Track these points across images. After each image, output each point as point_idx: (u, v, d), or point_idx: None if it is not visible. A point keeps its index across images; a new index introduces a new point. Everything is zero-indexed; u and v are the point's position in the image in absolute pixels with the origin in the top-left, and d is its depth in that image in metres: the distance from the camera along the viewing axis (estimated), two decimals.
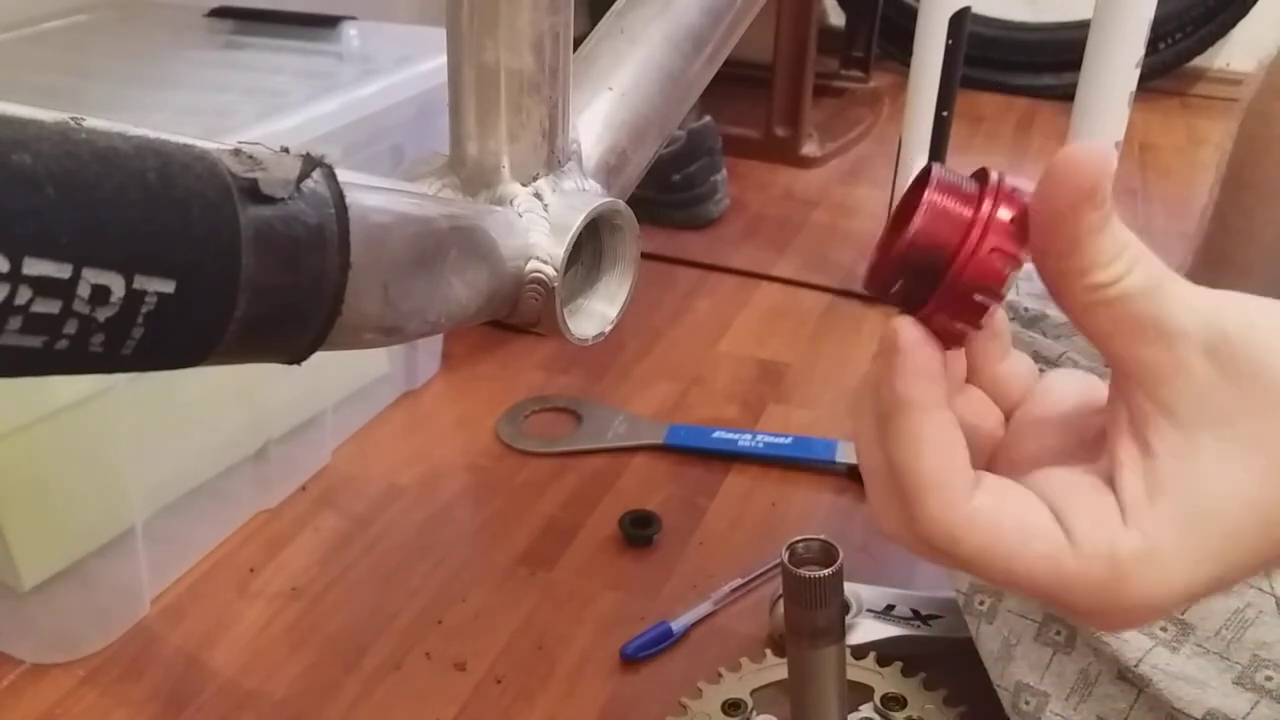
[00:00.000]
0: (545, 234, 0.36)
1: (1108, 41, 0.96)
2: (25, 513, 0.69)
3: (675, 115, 0.48)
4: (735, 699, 0.66)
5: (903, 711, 0.65)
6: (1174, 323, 0.25)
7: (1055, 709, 0.57)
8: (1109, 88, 0.98)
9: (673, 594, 0.80)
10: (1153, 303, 0.25)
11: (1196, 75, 2.04)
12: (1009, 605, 0.61)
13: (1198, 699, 0.51)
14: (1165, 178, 1.65)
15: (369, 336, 0.31)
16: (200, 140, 0.26)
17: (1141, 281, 0.26)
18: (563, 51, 0.38)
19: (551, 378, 1.08)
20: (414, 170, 0.39)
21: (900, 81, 1.38)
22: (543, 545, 0.85)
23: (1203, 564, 0.25)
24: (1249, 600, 0.51)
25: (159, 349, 0.25)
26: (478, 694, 0.72)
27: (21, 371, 0.23)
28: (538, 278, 0.35)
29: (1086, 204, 0.25)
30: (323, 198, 0.27)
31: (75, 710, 0.70)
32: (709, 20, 0.48)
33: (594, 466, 0.94)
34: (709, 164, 1.42)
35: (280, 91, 0.85)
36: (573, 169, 0.39)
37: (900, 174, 1.19)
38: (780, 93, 1.65)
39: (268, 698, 0.71)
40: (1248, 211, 0.68)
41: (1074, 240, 0.25)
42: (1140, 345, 0.25)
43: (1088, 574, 0.25)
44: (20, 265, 0.21)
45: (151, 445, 0.75)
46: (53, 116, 0.23)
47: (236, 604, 0.79)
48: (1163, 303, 0.25)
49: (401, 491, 0.92)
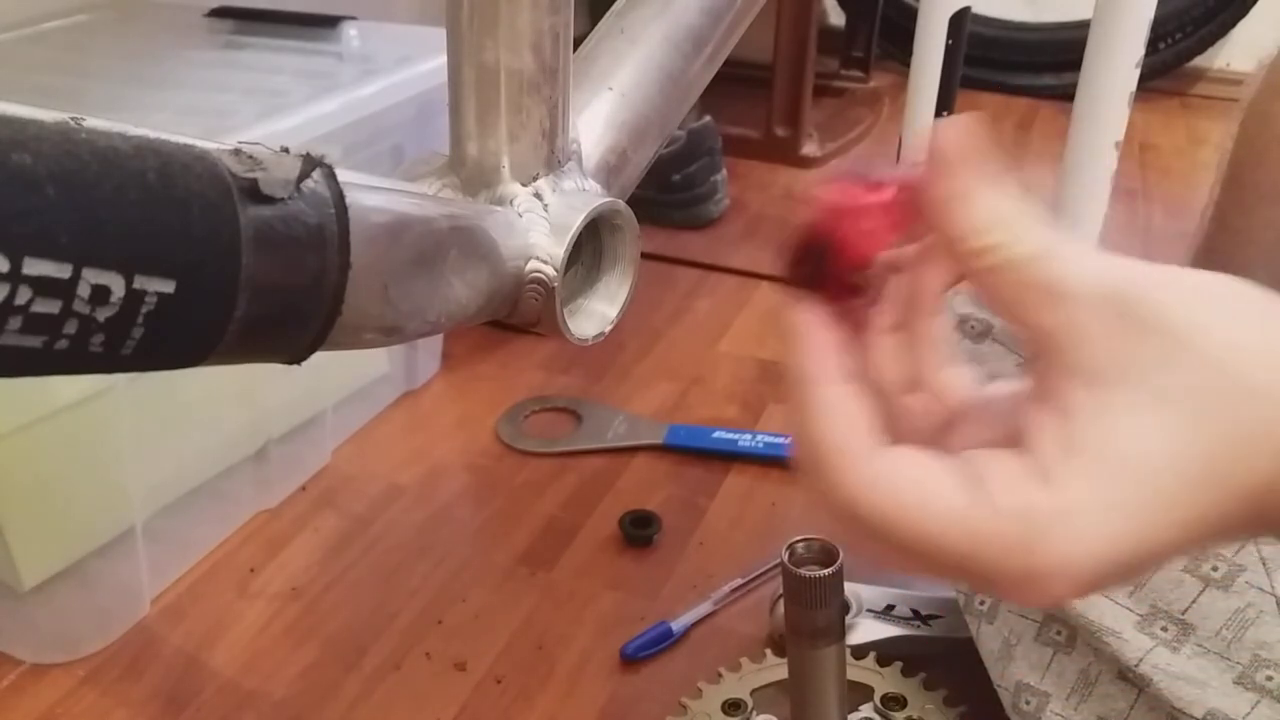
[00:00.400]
0: (545, 234, 0.36)
1: (1108, 41, 0.96)
2: (25, 513, 0.69)
3: (675, 115, 0.48)
4: (735, 699, 0.66)
5: (903, 711, 0.65)
6: (1068, 285, 0.25)
7: (1055, 709, 0.57)
8: (1109, 88, 0.97)
9: (673, 594, 0.80)
10: (1044, 267, 0.26)
11: (1196, 75, 2.04)
12: (1009, 605, 0.61)
13: (1198, 699, 0.51)
14: (1165, 178, 1.65)
15: (369, 336, 0.31)
16: (200, 140, 0.26)
17: (1030, 248, 0.26)
18: (563, 51, 0.38)
19: (551, 378, 1.07)
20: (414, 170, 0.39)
21: (900, 81, 1.38)
22: (543, 545, 0.85)
23: (1122, 520, 0.24)
24: (1249, 600, 0.51)
25: (159, 349, 0.25)
26: (478, 694, 0.72)
27: (21, 371, 0.23)
28: (538, 278, 0.35)
29: (947, 174, 0.26)
30: (323, 198, 0.27)
31: (75, 710, 0.70)
32: (709, 20, 0.48)
33: (594, 466, 0.94)
34: (709, 164, 1.42)
35: (280, 91, 0.85)
36: (573, 169, 0.39)
37: None
38: (780, 93, 1.65)
39: (268, 698, 0.71)
40: (1248, 211, 0.68)
41: (943, 210, 0.27)
42: (1039, 311, 0.26)
43: (1001, 532, 0.25)
44: (20, 265, 0.21)
45: (151, 445, 0.75)
46: (53, 116, 0.23)
47: (236, 604, 0.79)
48: (1055, 267, 0.26)
49: (401, 491, 0.92)
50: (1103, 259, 0.26)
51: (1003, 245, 0.26)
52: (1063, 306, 0.25)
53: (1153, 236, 1.46)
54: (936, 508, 0.25)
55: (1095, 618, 0.54)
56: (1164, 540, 0.25)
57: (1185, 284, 0.26)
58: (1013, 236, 0.26)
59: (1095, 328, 0.25)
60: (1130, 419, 0.25)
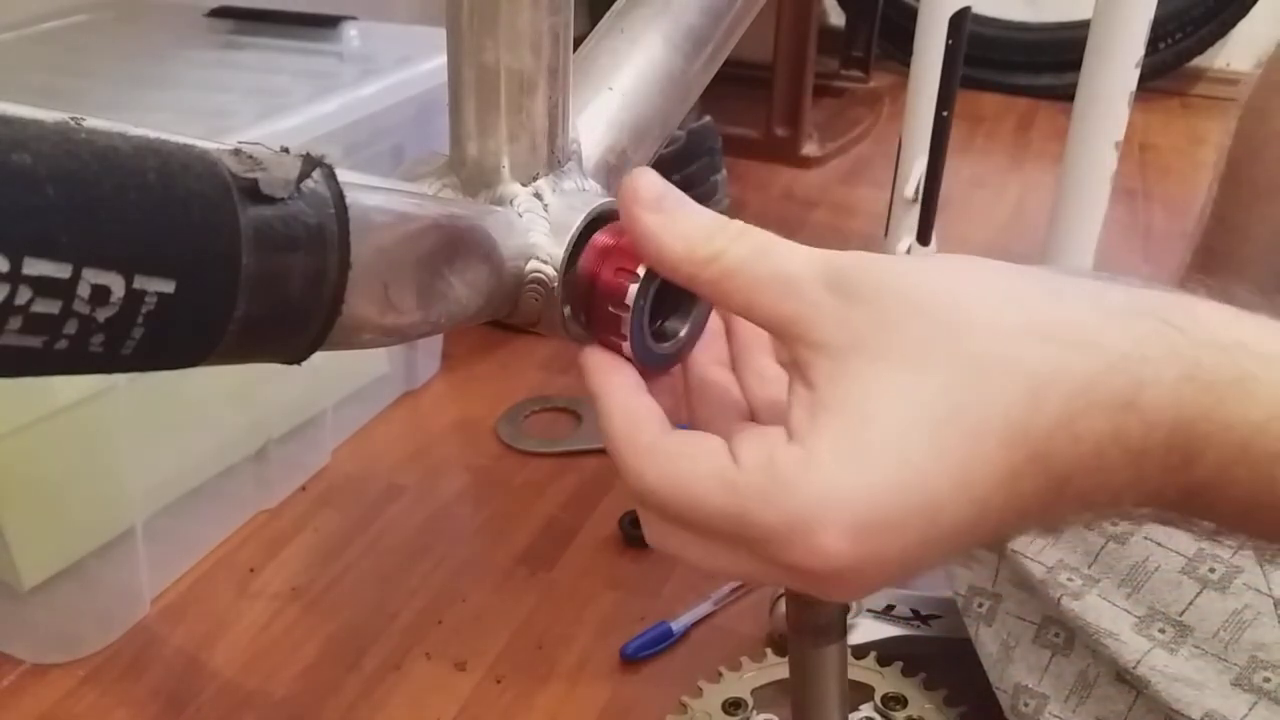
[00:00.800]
0: (545, 234, 0.36)
1: (1108, 41, 0.96)
2: (25, 513, 0.69)
3: (675, 115, 0.48)
4: (736, 698, 0.66)
5: (903, 711, 0.65)
6: (792, 271, 0.28)
7: (1054, 710, 0.57)
8: (1109, 88, 0.97)
9: (673, 594, 0.80)
10: (768, 261, 0.28)
11: (1196, 75, 2.04)
12: (1007, 608, 0.61)
13: (1196, 700, 0.51)
14: (1165, 178, 1.65)
15: (369, 336, 0.31)
16: (200, 140, 0.26)
17: (750, 248, 0.29)
18: (563, 51, 0.38)
19: (551, 378, 1.08)
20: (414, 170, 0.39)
21: (900, 81, 1.38)
22: (543, 545, 0.85)
23: (873, 465, 0.25)
24: (1247, 602, 0.51)
25: (159, 349, 0.25)
26: (478, 694, 0.72)
27: (21, 371, 0.23)
28: (538, 278, 0.35)
29: (637, 209, 0.30)
30: (323, 197, 0.27)
31: (75, 710, 0.70)
32: (709, 20, 0.48)
33: (594, 466, 0.94)
34: (709, 164, 1.42)
35: (280, 91, 0.85)
36: (573, 169, 0.39)
37: (900, 174, 1.19)
38: (780, 93, 1.65)
39: (268, 698, 0.71)
40: (1245, 208, 0.68)
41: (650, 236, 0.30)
42: (776, 302, 0.28)
43: (750, 483, 0.26)
44: (20, 265, 0.21)
45: (151, 445, 0.75)
46: (53, 116, 0.23)
47: (236, 604, 0.79)
48: (778, 259, 0.28)
49: (401, 491, 0.92)
50: (817, 250, 0.28)
51: (726, 249, 0.29)
52: (793, 291, 0.28)
53: (1153, 236, 1.46)
54: (699, 470, 0.27)
55: (1093, 619, 0.54)
56: (938, 491, 0.25)
57: (891, 258, 0.28)
58: (729, 240, 0.29)
59: (824, 306, 0.27)
60: (866, 378, 0.26)
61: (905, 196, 1.14)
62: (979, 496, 0.25)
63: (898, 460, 0.25)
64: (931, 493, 0.25)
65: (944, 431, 0.25)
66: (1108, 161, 1.00)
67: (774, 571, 0.27)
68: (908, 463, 0.25)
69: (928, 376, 0.26)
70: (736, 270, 0.28)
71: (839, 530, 0.25)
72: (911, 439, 0.25)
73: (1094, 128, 0.99)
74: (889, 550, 0.25)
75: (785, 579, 0.27)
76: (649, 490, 0.28)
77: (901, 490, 0.25)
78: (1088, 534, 0.56)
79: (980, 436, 0.25)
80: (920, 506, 0.25)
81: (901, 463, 0.25)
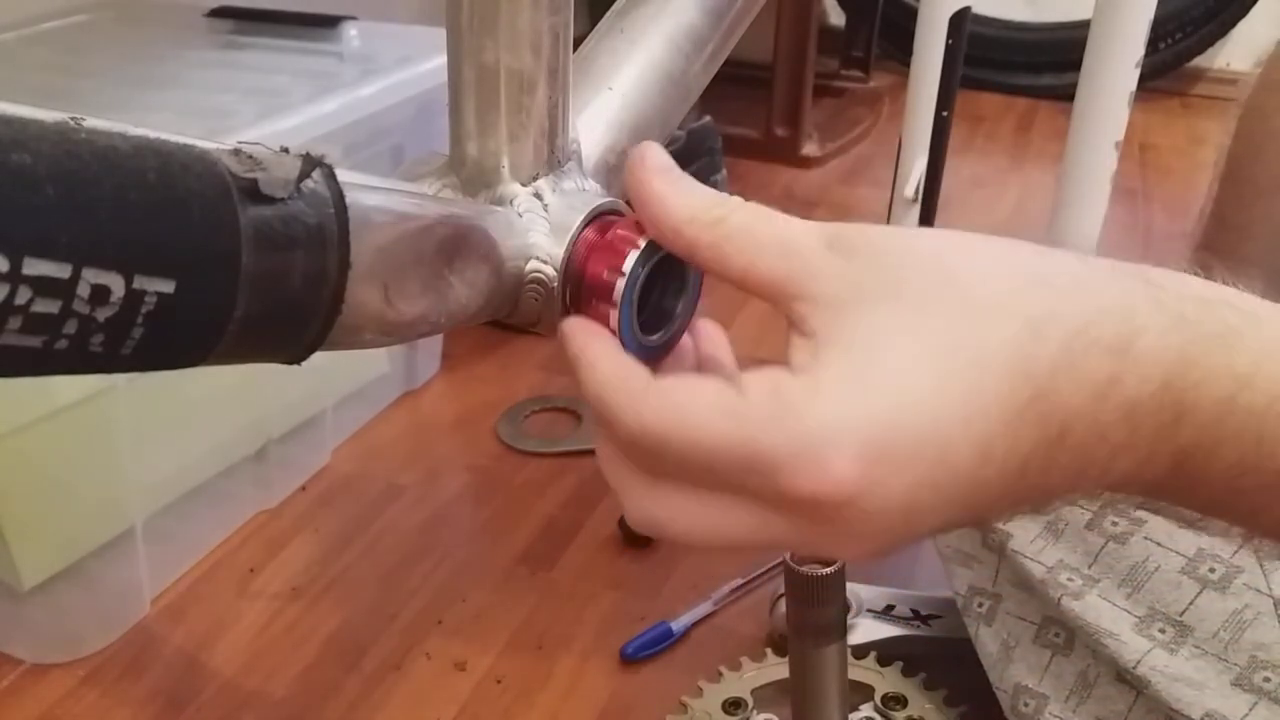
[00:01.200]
0: (545, 234, 0.36)
1: (1108, 41, 0.96)
2: (25, 513, 0.69)
3: (675, 115, 0.48)
4: (736, 698, 0.66)
5: (903, 711, 0.65)
6: (793, 233, 0.29)
7: (1054, 711, 0.57)
8: (1109, 88, 0.97)
9: (673, 594, 0.80)
10: (769, 225, 0.29)
11: (1196, 75, 2.04)
12: (1007, 608, 0.61)
13: (1196, 700, 0.51)
14: (1165, 178, 1.65)
15: (369, 336, 0.31)
16: (200, 140, 0.26)
17: (752, 213, 0.30)
18: (563, 51, 0.38)
19: (551, 378, 1.07)
20: (414, 170, 0.39)
21: (900, 81, 1.38)
22: (543, 545, 0.85)
23: (876, 389, 0.25)
24: (1247, 602, 0.51)
25: (159, 349, 0.25)
26: (478, 694, 0.72)
27: (21, 371, 0.23)
28: (538, 278, 0.35)
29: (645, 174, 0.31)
30: (323, 197, 0.27)
31: (75, 710, 0.70)
32: (709, 20, 0.48)
33: (594, 466, 0.94)
34: (709, 164, 1.42)
35: (280, 91, 0.85)
36: (573, 169, 0.39)
37: (900, 174, 1.19)
38: (780, 93, 1.65)
39: (268, 698, 0.71)
40: (1245, 206, 0.68)
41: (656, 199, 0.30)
42: (776, 261, 0.28)
43: (757, 410, 0.26)
44: (20, 265, 0.21)
45: (151, 445, 0.75)
46: (53, 116, 0.23)
47: (236, 604, 0.79)
48: (777, 224, 0.29)
49: (401, 491, 0.92)
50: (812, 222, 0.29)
51: (729, 214, 0.29)
52: (793, 250, 0.28)
53: (1153, 236, 1.46)
54: (701, 403, 0.27)
55: (1093, 619, 0.54)
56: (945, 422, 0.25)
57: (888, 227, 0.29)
58: (731, 208, 0.30)
59: (824, 262, 0.28)
60: (868, 319, 0.27)
61: (905, 196, 1.14)
62: (982, 437, 0.26)
63: (903, 388, 0.25)
64: (939, 423, 0.25)
65: (947, 364, 0.26)
66: (1108, 161, 1.00)
67: (777, 519, 0.27)
68: (913, 390, 0.25)
69: (928, 317, 0.26)
70: (738, 232, 0.29)
71: (851, 453, 0.25)
72: (916, 370, 0.26)
73: (1094, 128, 0.99)
74: (897, 483, 0.25)
75: (789, 525, 0.27)
76: (646, 430, 0.27)
77: (910, 416, 0.25)
78: (1088, 534, 0.56)
79: (984, 366, 0.26)
80: (929, 437, 0.25)
81: (907, 389, 0.25)
